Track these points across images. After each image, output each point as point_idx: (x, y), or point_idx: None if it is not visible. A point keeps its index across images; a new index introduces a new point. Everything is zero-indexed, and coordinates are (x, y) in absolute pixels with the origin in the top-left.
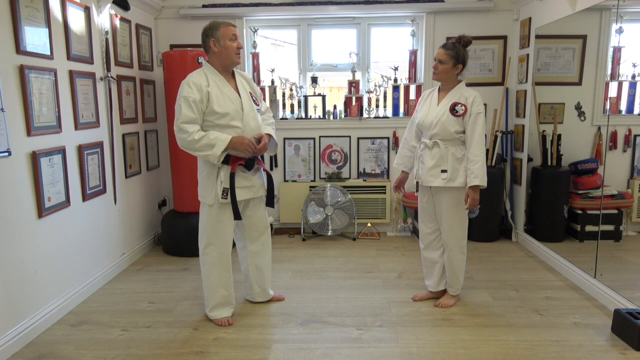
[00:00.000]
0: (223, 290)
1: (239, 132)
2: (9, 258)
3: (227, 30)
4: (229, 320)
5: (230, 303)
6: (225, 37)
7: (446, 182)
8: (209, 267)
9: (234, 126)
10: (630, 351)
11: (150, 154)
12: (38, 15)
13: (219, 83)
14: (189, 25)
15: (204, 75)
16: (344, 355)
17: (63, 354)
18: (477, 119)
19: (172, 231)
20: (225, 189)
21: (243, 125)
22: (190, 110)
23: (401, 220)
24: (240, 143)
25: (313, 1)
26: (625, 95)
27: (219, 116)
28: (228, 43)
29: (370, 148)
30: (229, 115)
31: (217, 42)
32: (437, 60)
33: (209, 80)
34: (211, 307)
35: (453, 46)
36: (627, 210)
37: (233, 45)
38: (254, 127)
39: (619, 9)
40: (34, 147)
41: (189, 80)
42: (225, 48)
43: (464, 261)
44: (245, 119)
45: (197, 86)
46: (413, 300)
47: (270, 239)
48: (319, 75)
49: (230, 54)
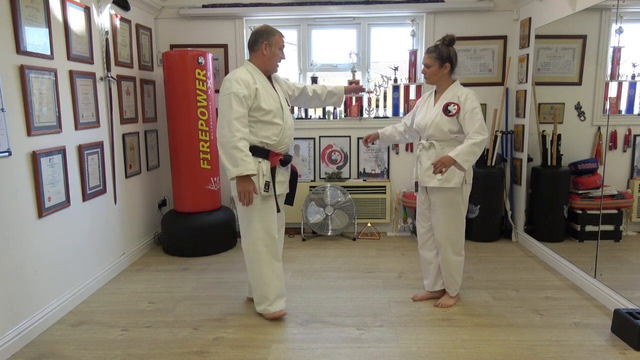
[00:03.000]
0: (277, 282)
1: (279, 128)
2: (9, 258)
3: (280, 40)
4: (283, 311)
5: (284, 294)
6: (277, 45)
7: (442, 182)
8: (259, 263)
9: (276, 123)
10: (630, 351)
11: (150, 154)
12: (38, 15)
13: (263, 82)
14: (189, 25)
15: (249, 73)
16: (344, 355)
17: (63, 354)
18: (473, 114)
19: (172, 231)
20: (267, 182)
21: (283, 122)
22: (241, 106)
23: (401, 220)
24: (247, 186)
25: (313, 1)
26: (625, 95)
27: (264, 113)
28: (277, 52)
29: (370, 148)
30: (272, 112)
31: (269, 47)
32: (424, 66)
33: (254, 78)
34: (271, 301)
35: (435, 48)
36: (627, 210)
37: (280, 55)
38: (290, 124)
39: (619, 9)
40: (34, 147)
41: (235, 77)
42: (274, 55)
43: (460, 262)
44: (285, 116)
45: (245, 83)
46: (413, 300)
47: (283, 236)
48: (319, 75)
49: (275, 61)
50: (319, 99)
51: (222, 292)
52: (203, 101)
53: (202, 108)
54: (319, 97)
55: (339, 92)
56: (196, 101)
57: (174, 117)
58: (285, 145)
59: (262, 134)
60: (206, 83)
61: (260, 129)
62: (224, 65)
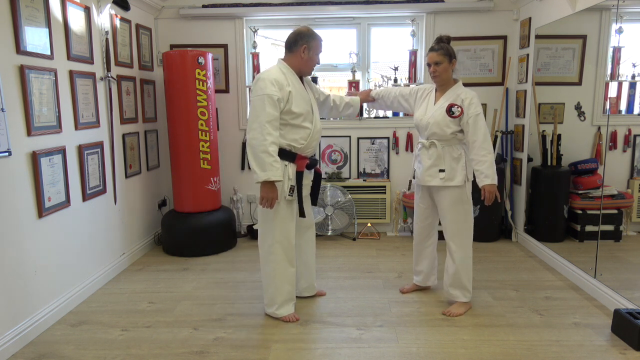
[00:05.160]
0: (288, 286)
1: (308, 132)
2: (9, 258)
3: (318, 46)
4: (295, 316)
5: (294, 299)
6: (315, 50)
7: (444, 181)
8: (274, 265)
9: (305, 127)
10: (630, 351)
11: (150, 154)
12: (38, 15)
13: (296, 84)
14: (189, 25)
15: (282, 74)
16: (344, 355)
17: (63, 354)
18: (477, 121)
19: (172, 231)
20: (292, 187)
21: (313, 126)
22: (274, 109)
23: (401, 220)
24: (271, 192)
25: (313, 1)
26: (625, 95)
27: (295, 116)
28: (315, 57)
29: (370, 148)
30: (302, 115)
31: (308, 51)
32: (433, 64)
33: (288, 80)
34: (278, 304)
35: (441, 46)
36: (627, 210)
37: (316, 60)
38: (319, 128)
39: (619, 9)
40: (34, 147)
41: (269, 77)
42: (311, 59)
43: (469, 263)
44: (315, 120)
45: (279, 84)
46: (401, 292)
47: (314, 234)
48: (319, 75)
49: (311, 66)
50: (337, 109)
51: (222, 292)
52: (203, 101)
53: (202, 108)
54: (337, 107)
55: (355, 104)
56: (196, 101)
57: (174, 117)
58: (312, 148)
59: (291, 137)
60: (206, 83)
61: (289, 132)
62: (224, 65)
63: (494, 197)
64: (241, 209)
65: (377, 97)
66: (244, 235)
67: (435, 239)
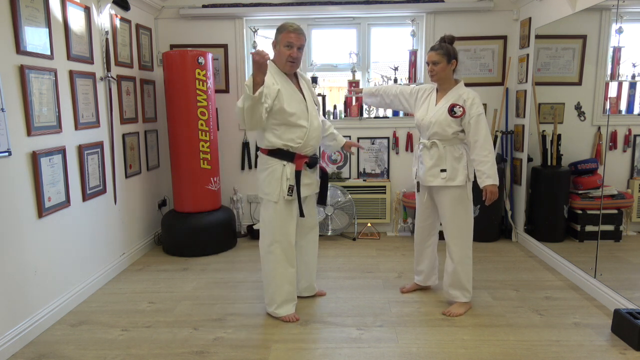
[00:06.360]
0: (288, 286)
1: (304, 131)
2: (9, 258)
3: (284, 37)
4: (295, 316)
5: (294, 299)
6: (281, 43)
7: (446, 181)
8: (274, 265)
9: (301, 125)
10: (630, 351)
11: (150, 154)
12: (38, 15)
13: (284, 83)
14: (189, 25)
15: (270, 74)
16: (344, 355)
17: (63, 354)
18: (478, 121)
19: (172, 231)
20: (290, 186)
21: (309, 124)
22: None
23: (401, 220)
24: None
25: (313, 1)
26: (625, 95)
27: (288, 115)
28: (282, 49)
29: (370, 148)
30: (296, 114)
31: (276, 45)
32: (431, 63)
33: (275, 79)
34: (278, 304)
35: (441, 46)
36: (627, 210)
37: (286, 53)
38: (316, 125)
39: (619, 9)
40: (34, 147)
41: None
42: (279, 53)
43: (469, 263)
44: (310, 118)
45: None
46: (401, 292)
47: (317, 235)
48: (319, 75)
49: (283, 60)
50: (323, 132)
51: (222, 292)
52: (203, 101)
53: (202, 108)
54: (325, 131)
55: (339, 142)
56: (196, 101)
57: (174, 117)
58: (311, 147)
59: (287, 136)
60: (206, 83)
61: (285, 132)
62: (224, 65)
63: (496, 197)
64: (241, 209)
65: (377, 94)
66: (244, 235)
67: (436, 239)
